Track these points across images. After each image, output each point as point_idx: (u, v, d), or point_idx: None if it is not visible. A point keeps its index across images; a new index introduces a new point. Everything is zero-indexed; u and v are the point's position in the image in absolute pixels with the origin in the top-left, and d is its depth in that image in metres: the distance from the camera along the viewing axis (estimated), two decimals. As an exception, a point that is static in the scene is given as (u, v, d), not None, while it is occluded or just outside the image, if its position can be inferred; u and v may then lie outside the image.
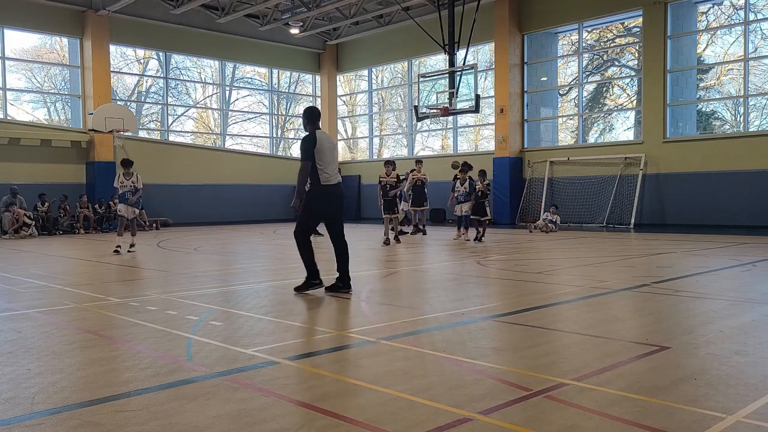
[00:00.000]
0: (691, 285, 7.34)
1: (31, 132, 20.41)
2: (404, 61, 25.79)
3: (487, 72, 23.34)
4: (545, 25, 21.23)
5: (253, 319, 5.77)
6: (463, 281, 8.10)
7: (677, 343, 4.53)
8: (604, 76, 22.27)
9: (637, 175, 18.86)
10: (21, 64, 21.59)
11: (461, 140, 25.48)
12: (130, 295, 7.17)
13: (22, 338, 4.98)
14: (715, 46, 20.14)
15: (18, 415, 3.22)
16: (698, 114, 19.96)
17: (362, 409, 3.23)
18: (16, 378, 3.86)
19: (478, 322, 5.50)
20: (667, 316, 5.62)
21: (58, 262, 11.21)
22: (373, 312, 5.84)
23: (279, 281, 8.29)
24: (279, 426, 3.03)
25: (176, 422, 3.09)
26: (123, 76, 23.79)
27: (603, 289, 7.10)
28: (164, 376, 3.88)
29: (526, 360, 4.16)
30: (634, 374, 3.79)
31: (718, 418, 3.04)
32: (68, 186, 20.63)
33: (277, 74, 27.52)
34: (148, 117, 25.19)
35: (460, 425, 3.00)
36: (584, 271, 8.80)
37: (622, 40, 21.74)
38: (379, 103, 28.16)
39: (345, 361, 4.31)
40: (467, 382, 3.69)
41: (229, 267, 9.97)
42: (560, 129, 22.81)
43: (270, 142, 27.44)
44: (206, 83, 25.92)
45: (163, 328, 5.29)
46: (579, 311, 6.04)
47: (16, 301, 6.92)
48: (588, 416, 3.09)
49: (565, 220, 20.02)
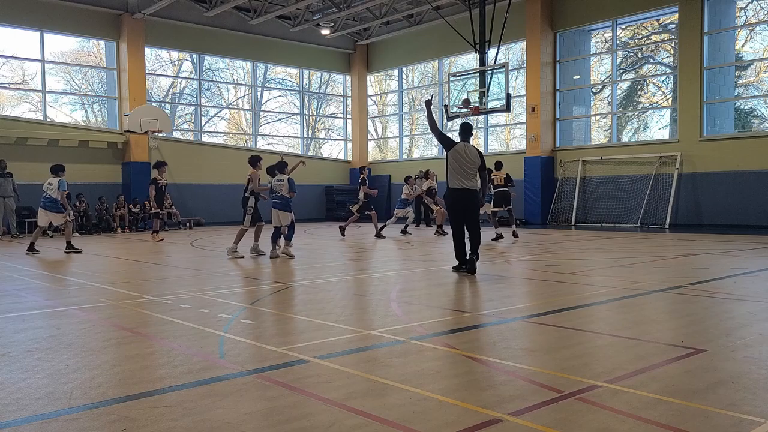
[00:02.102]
0: (728, 286, 7.17)
1: (69, 133, 20.91)
2: (435, 60, 25.72)
3: (519, 71, 23.13)
4: (578, 23, 20.96)
5: (284, 317, 5.82)
6: (494, 281, 8.05)
7: (714, 346, 4.43)
8: (639, 74, 21.90)
9: (673, 175, 18.50)
10: (60, 67, 22.14)
11: (492, 139, 25.32)
12: (164, 293, 7.29)
13: (60, 335, 5.10)
14: (755, 42, 19.64)
15: (57, 409, 3.30)
16: (736, 112, 19.49)
17: (392, 409, 3.24)
18: (55, 373, 3.96)
19: (509, 322, 5.46)
20: (703, 318, 5.50)
21: (95, 261, 11.46)
22: (403, 311, 5.84)
23: (309, 280, 8.35)
24: (309, 424, 3.05)
25: (209, 418, 3.14)
26: (158, 77, 24.21)
27: (637, 290, 6.99)
28: (197, 373, 3.94)
29: (558, 361, 4.11)
30: (669, 377, 3.72)
31: (757, 423, 2.97)
32: (105, 186, 21.09)
33: (308, 75, 27.70)
34: (182, 118, 25.60)
35: (491, 426, 2.98)
36: (617, 272, 8.67)
37: (657, 37, 21.34)
38: (409, 103, 28.14)
39: (375, 360, 4.32)
40: (497, 383, 3.66)
41: (260, 266, 10.07)
42: (593, 128, 22.50)
43: (301, 142, 27.64)
44: (238, 84, 26.23)
45: (196, 325, 5.37)
46: (612, 313, 5.95)
47: (55, 298, 7.10)
48: (621, 419, 3.04)
49: (597, 220, 19.76)
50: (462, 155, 8.49)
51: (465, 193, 8.45)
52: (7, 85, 21.47)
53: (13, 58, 21.02)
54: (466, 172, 8.46)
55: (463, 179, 8.44)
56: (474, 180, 8.57)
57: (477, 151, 8.66)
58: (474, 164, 8.53)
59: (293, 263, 10.38)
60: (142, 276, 9.22)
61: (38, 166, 19.96)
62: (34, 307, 6.49)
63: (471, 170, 8.50)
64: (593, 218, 20.05)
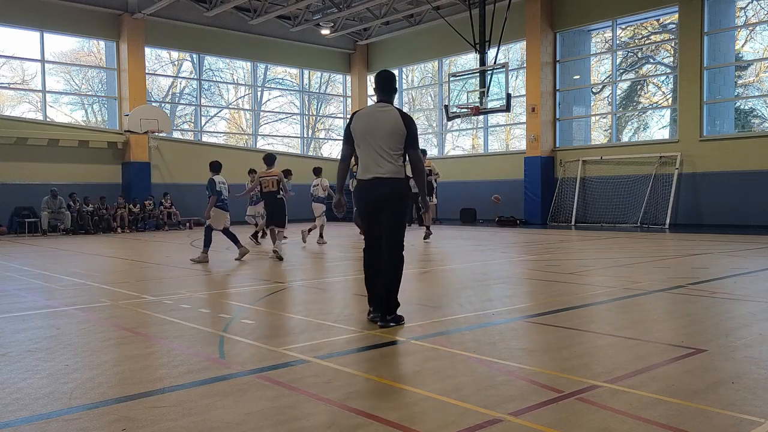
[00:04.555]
0: (728, 287, 7.17)
1: (69, 133, 20.89)
2: (434, 60, 25.72)
3: (519, 71, 23.13)
4: (578, 23, 20.96)
5: (284, 317, 5.82)
6: (494, 281, 8.04)
7: (714, 346, 4.43)
8: (639, 74, 21.89)
9: (673, 174, 18.50)
10: (60, 67, 22.13)
11: (492, 140, 25.31)
12: (164, 293, 7.29)
13: (60, 335, 5.10)
14: (755, 42, 19.63)
15: (57, 409, 3.31)
16: (736, 112, 19.48)
17: (392, 409, 3.24)
18: (55, 373, 3.96)
19: (509, 322, 5.46)
20: (703, 318, 5.50)
21: (95, 261, 11.46)
22: (403, 311, 5.84)
23: (309, 280, 8.35)
24: (309, 424, 3.05)
25: (209, 419, 3.14)
26: (158, 77, 24.21)
27: (637, 290, 6.99)
28: (197, 373, 3.94)
29: (558, 361, 4.11)
30: (669, 377, 3.72)
31: (757, 423, 2.97)
32: (105, 186, 21.07)
33: (308, 75, 27.70)
34: (182, 118, 25.60)
35: (491, 426, 2.98)
36: (617, 272, 8.67)
37: (657, 37, 21.34)
38: (409, 103, 28.15)
39: (375, 360, 4.32)
40: (498, 383, 3.66)
41: (259, 266, 10.07)
42: (593, 128, 22.49)
43: (301, 142, 27.64)
44: (238, 84, 26.23)
45: (196, 325, 5.37)
46: (612, 313, 5.95)
47: (54, 298, 7.10)
48: (621, 419, 3.04)
49: (597, 220, 19.75)
50: (368, 122, 5.27)
51: (375, 186, 5.24)
52: (7, 85, 21.46)
53: (13, 58, 21.01)
54: (376, 153, 5.22)
55: (371, 162, 5.24)
56: (392, 163, 5.22)
57: (399, 115, 5.24)
58: (390, 136, 5.19)
59: (293, 263, 10.38)
60: (142, 276, 9.22)
61: (38, 166, 20.00)
62: (34, 307, 6.49)
63: (385, 146, 5.20)
64: (593, 218, 20.04)
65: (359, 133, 5.32)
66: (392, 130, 5.22)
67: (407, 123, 5.29)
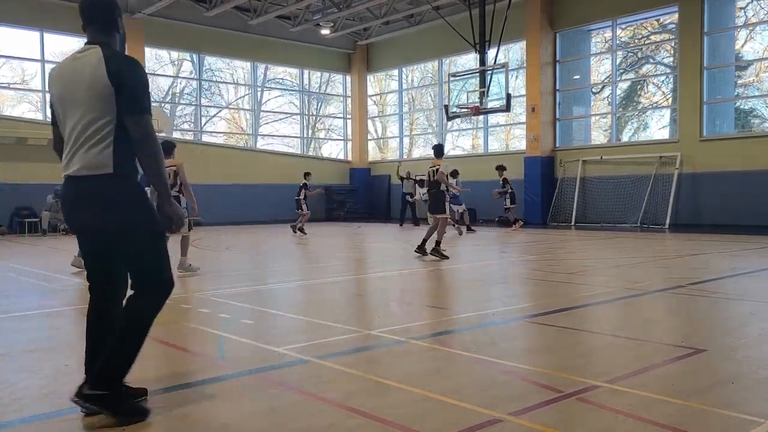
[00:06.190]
0: (728, 287, 7.17)
1: (69, 133, 20.86)
2: (434, 60, 25.71)
3: (519, 70, 23.12)
4: (578, 23, 20.95)
5: (284, 317, 5.82)
6: (494, 281, 8.04)
7: (714, 346, 4.43)
8: (639, 74, 21.89)
9: (673, 174, 18.49)
10: (59, 67, 22.11)
11: (492, 139, 25.31)
12: (164, 293, 7.27)
13: (59, 335, 5.10)
14: (754, 42, 19.63)
15: (57, 409, 3.30)
16: (736, 112, 19.48)
17: (392, 409, 3.23)
18: (54, 374, 3.96)
19: (509, 322, 5.45)
20: (703, 318, 5.50)
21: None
22: (403, 311, 5.84)
23: (308, 280, 8.35)
24: (309, 424, 3.05)
25: (208, 419, 3.14)
26: (157, 77, 24.19)
27: (637, 290, 6.98)
28: (196, 373, 3.94)
29: (558, 361, 4.11)
30: (669, 377, 3.72)
31: (757, 422, 2.97)
32: (105, 186, 21.04)
33: (308, 75, 27.69)
34: (182, 118, 25.59)
35: (491, 426, 2.98)
36: (617, 272, 8.67)
37: (657, 37, 21.33)
38: (409, 103, 28.14)
39: (375, 360, 4.32)
40: (498, 383, 3.66)
41: (259, 266, 10.07)
42: (593, 128, 22.49)
43: (301, 142, 27.63)
44: (238, 84, 26.22)
45: (196, 325, 5.37)
46: (612, 313, 5.95)
47: (53, 298, 7.09)
48: (621, 419, 3.04)
49: (597, 220, 19.74)
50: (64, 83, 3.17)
51: (68, 193, 3.36)
52: (7, 85, 21.46)
53: (13, 58, 21.01)
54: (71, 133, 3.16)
55: (67, 149, 3.25)
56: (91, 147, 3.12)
57: (102, 58, 3.05)
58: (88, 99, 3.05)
59: (293, 263, 10.38)
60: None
61: (38, 166, 19.95)
62: (34, 307, 6.49)
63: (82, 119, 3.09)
64: (593, 218, 20.03)
65: (57, 103, 3.21)
66: (89, 85, 3.04)
67: (115, 69, 3.03)
